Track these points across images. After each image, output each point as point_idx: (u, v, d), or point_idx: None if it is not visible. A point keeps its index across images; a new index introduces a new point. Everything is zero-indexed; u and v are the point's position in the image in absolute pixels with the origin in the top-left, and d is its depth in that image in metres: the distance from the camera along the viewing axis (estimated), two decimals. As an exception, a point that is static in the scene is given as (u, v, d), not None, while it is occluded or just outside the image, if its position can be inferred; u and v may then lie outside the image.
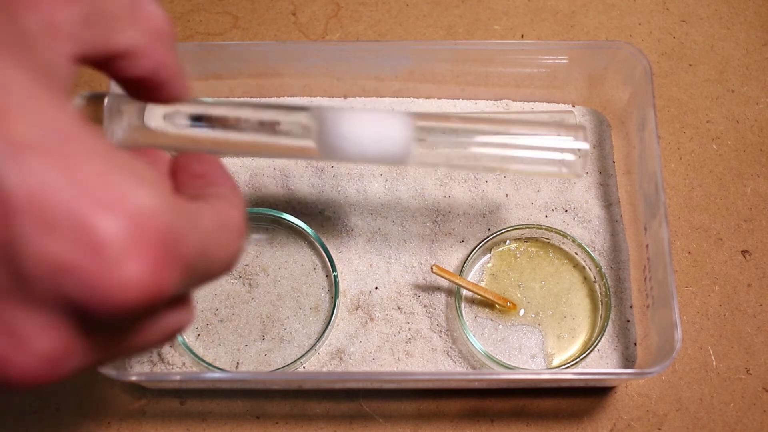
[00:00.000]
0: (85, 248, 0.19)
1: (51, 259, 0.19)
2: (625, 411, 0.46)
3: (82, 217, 0.19)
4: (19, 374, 0.20)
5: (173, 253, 0.21)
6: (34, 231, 0.19)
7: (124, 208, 0.19)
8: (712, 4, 0.58)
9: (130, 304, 0.20)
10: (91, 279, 0.19)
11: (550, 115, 0.51)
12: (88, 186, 0.19)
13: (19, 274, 0.19)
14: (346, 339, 0.47)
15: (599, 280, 0.47)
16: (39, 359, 0.20)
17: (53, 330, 0.20)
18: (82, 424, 0.46)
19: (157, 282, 0.20)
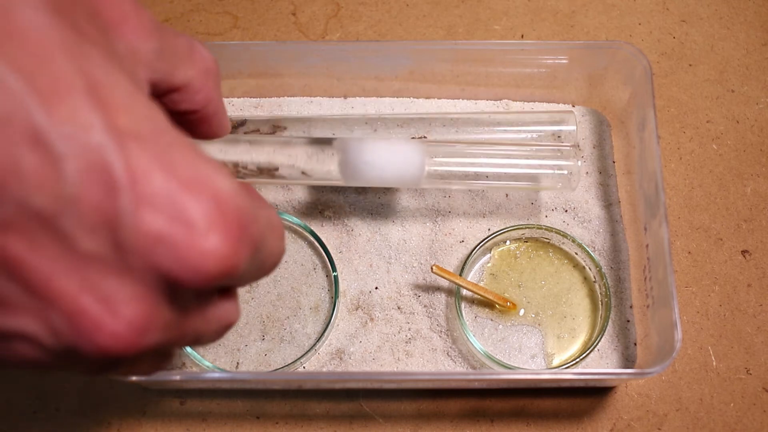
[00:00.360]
0: (178, 222, 0.22)
1: (148, 231, 0.22)
2: (625, 411, 0.46)
3: (175, 196, 0.22)
4: (107, 340, 0.22)
5: (246, 232, 0.24)
6: (134, 206, 0.21)
7: (209, 190, 0.23)
8: (712, 4, 0.58)
9: (210, 273, 0.23)
10: (180, 248, 0.22)
11: (550, 115, 0.51)
12: (180, 170, 0.22)
13: (119, 245, 0.22)
14: (346, 339, 0.47)
15: (599, 280, 0.47)
16: (126, 326, 0.22)
17: (141, 300, 0.23)
18: (82, 424, 0.46)
19: (233, 255, 0.23)
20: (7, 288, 0.22)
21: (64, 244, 0.21)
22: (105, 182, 0.21)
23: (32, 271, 0.21)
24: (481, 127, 0.51)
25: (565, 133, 0.51)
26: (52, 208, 0.21)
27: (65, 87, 0.21)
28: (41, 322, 0.22)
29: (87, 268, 0.22)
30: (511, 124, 0.51)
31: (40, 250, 0.21)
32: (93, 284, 0.22)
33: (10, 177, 0.20)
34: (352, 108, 0.54)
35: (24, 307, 0.22)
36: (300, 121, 0.51)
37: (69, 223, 0.21)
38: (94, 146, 0.21)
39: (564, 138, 0.51)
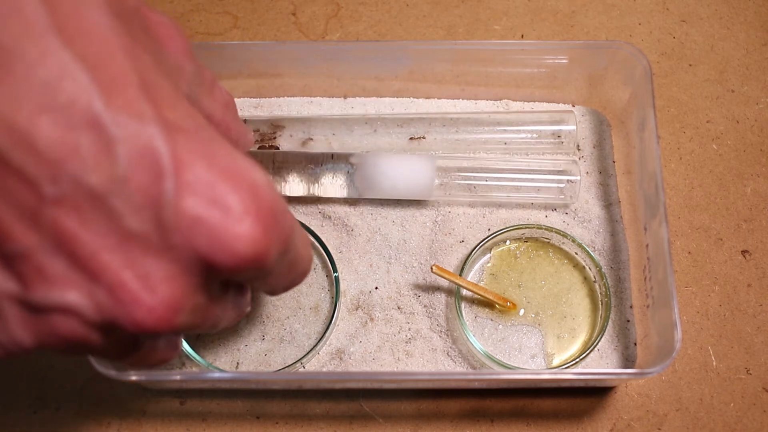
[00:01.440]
0: (215, 207, 0.24)
1: (188, 213, 0.23)
2: (625, 411, 0.46)
3: (214, 184, 0.24)
4: (144, 314, 0.24)
5: (277, 223, 0.25)
6: (177, 190, 0.23)
7: (245, 181, 0.24)
8: (712, 4, 0.58)
9: (243, 255, 0.24)
10: (216, 230, 0.24)
11: (550, 114, 0.52)
12: (219, 162, 0.24)
13: (161, 226, 0.23)
14: (346, 339, 0.47)
15: (599, 280, 0.47)
16: (162, 304, 0.24)
17: (177, 280, 0.24)
18: (82, 424, 0.46)
19: (265, 241, 0.25)
20: (56, 261, 0.23)
21: (112, 221, 0.23)
22: (152, 167, 0.23)
23: (81, 245, 0.23)
24: (481, 126, 0.51)
25: (565, 132, 0.51)
26: (104, 187, 0.22)
27: (122, 80, 0.23)
28: (85, 295, 0.24)
29: (130, 246, 0.23)
30: (511, 123, 0.51)
31: (89, 226, 0.23)
32: (135, 261, 0.24)
33: (69, 155, 0.22)
34: (352, 108, 0.54)
35: (69, 280, 0.24)
36: (300, 121, 0.51)
37: (118, 202, 0.23)
38: (146, 134, 0.23)
39: (564, 138, 0.51)
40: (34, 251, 0.23)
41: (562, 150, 0.52)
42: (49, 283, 0.23)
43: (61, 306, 0.24)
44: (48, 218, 0.22)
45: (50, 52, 0.22)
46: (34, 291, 0.24)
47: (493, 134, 0.51)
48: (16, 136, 0.21)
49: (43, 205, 0.22)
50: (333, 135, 0.51)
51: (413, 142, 0.51)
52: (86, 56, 0.22)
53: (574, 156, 0.52)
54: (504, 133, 0.51)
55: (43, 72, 0.22)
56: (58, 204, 0.22)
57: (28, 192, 0.22)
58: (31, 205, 0.22)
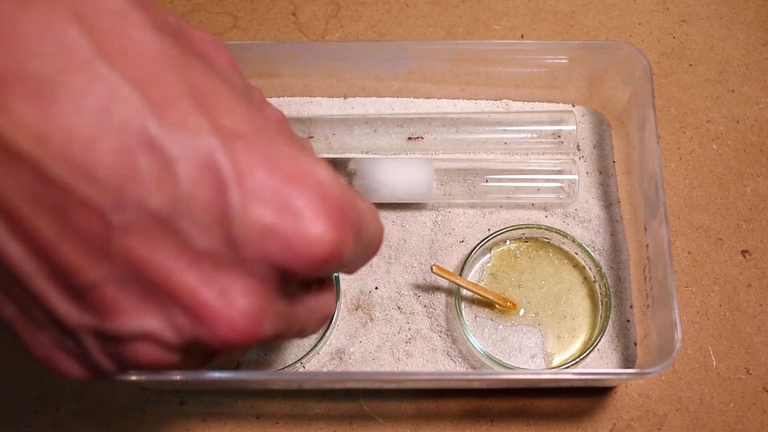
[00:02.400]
0: (284, 213, 0.23)
1: (257, 223, 0.23)
2: (625, 411, 0.46)
3: (279, 189, 0.23)
4: (227, 331, 0.23)
5: (348, 217, 0.25)
6: (243, 202, 0.23)
7: (310, 181, 0.24)
8: (712, 4, 0.58)
9: (319, 258, 0.24)
10: (289, 237, 0.23)
11: (549, 114, 0.52)
12: (281, 164, 0.23)
13: (231, 240, 0.23)
14: (346, 339, 0.47)
15: (599, 280, 0.47)
16: (243, 317, 0.24)
17: (255, 291, 0.24)
18: (82, 423, 0.46)
19: (339, 239, 0.24)
20: (129, 289, 0.23)
21: (181, 242, 0.22)
22: (215, 180, 0.22)
23: (153, 270, 0.22)
24: (481, 126, 0.51)
25: (565, 132, 0.51)
26: (168, 208, 0.22)
27: (173, 95, 0.22)
28: (164, 320, 0.23)
29: (203, 265, 0.23)
30: (510, 123, 0.51)
31: (159, 250, 0.22)
32: (210, 279, 0.23)
33: (129, 181, 0.21)
34: (352, 108, 0.54)
35: (145, 307, 0.23)
36: (300, 121, 0.51)
37: (184, 221, 0.22)
38: (203, 147, 0.22)
39: (564, 137, 0.51)
40: (106, 282, 0.23)
41: (562, 150, 0.52)
42: (125, 312, 0.23)
43: (140, 333, 0.24)
44: (117, 247, 0.22)
45: (97, 77, 0.21)
46: (111, 322, 0.23)
47: (493, 134, 0.51)
48: (75, 167, 0.21)
49: (110, 234, 0.22)
50: (333, 135, 0.51)
51: (412, 142, 0.51)
52: (134, 76, 0.22)
53: (574, 156, 0.52)
54: (504, 133, 0.51)
55: (93, 99, 0.21)
56: (126, 231, 0.22)
57: (94, 223, 0.22)
58: (98, 236, 0.22)
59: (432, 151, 0.52)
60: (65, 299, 0.23)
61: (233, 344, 0.24)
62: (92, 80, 0.21)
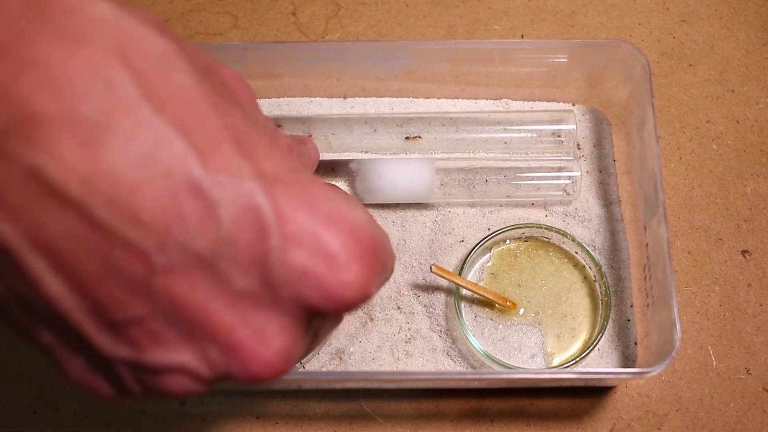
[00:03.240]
0: (321, 257, 0.24)
1: (295, 266, 0.23)
2: (625, 411, 0.46)
3: (317, 233, 0.24)
4: (260, 369, 0.24)
5: (378, 258, 0.26)
6: (283, 245, 0.23)
7: (346, 224, 0.25)
8: (712, 4, 0.58)
9: (350, 301, 0.25)
10: (324, 281, 0.24)
11: (549, 114, 0.52)
12: (319, 208, 0.24)
13: (269, 282, 0.23)
14: (345, 339, 0.47)
15: (599, 280, 0.47)
16: (277, 355, 0.24)
17: (288, 330, 0.24)
18: (82, 424, 0.46)
19: (370, 283, 0.25)
20: (167, 325, 0.23)
21: (221, 282, 0.23)
22: (256, 224, 0.23)
23: (193, 309, 0.23)
24: (481, 126, 0.51)
25: (565, 132, 0.51)
26: (210, 251, 0.22)
27: (216, 140, 0.23)
28: (199, 355, 0.24)
29: (240, 305, 0.24)
30: (511, 123, 0.51)
31: (199, 290, 0.23)
32: (246, 318, 0.24)
33: (174, 224, 0.22)
34: (352, 107, 0.54)
35: (183, 342, 0.24)
36: (300, 121, 0.51)
37: (225, 263, 0.23)
38: (246, 191, 0.23)
39: (564, 137, 0.51)
40: (146, 318, 0.23)
41: (562, 149, 0.52)
42: (162, 346, 0.24)
43: (174, 367, 0.24)
44: (158, 287, 0.22)
45: (144, 122, 0.22)
46: (146, 355, 0.24)
47: (493, 134, 0.51)
48: (121, 211, 0.21)
49: (152, 275, 0.22)
50: (333, 135, 0.51)
51: (410, 142, 0.51)
52: (178, 121, 0.22)
53: (574, 155, 0.52)
54: (504, 133, 0.51)
55: (139, 143, 0.21)
56: (168, 272, 0.22)
57: (137, 264, 0.22)
58: (140, 276, 0.22)
59: (432, 150, 0.52)
60: (103, 332, 0.23)
61: (264, 380, 0.25)
62: (139, 124, 0.21)
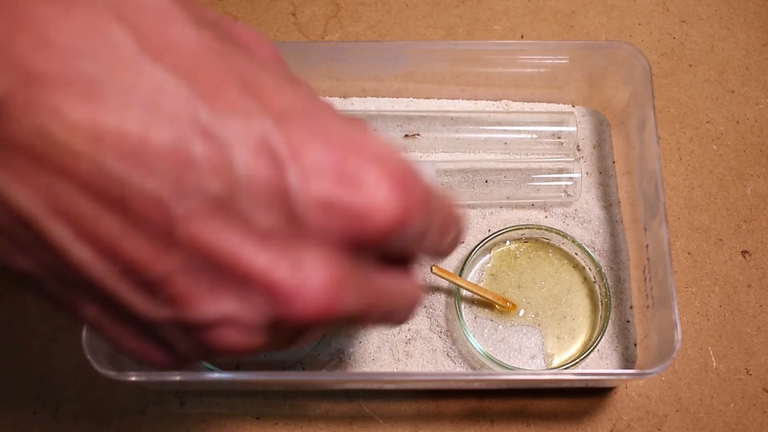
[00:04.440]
0: (344, 183, 0.23)
1: (318, 197, 0.23)
2: (625, 411, 0.46)
3: (336, 161, 0.23)
4: (305, 306, 0.23)
5: (411, 183, 0.25)
6: (301, 177, 0.23)
7: (366, 149, 0.24)
8: (712, 5, 0.58)
9: (384, 224, 0.24)
10: (353, 206, 0.23)
11: (549, 115, 0.51)
12: (335, 136, 0.24)
13: (294, 216, 0.23)
14: (345, 339, 0.47)
15: (599, 281, 0.47)
16: (321, 290, 0.24)
17: (328, 263, 0.24)
18: (82, 424, 0.46)
19: (403, 205, 0.24)
20: (201, 277, 0.23)
21: (245, 224, 0.23)
22: (271, 160, 0.22)
23: (222, 255, 0.23)
24: (481, 126, 0.51)
25: (565, 133, 0.51)
26: (227, 192, 0.22)
27: (220, 83, 0.23)
28: (241, 302, 0.23)
29: (270, 244, 0.23)
30: (510, 123, 0.51)
31: (225, 234, 0.22)
32: (280, 258, 0.23)
33: (187, 168, 0.22)
34: (352, 104, 0.54)
35: (220, 292, 0.23)
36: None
37: (245, 204, 0.22)
38: (256, 129, 0.22)
39: (564, 138, 0.51)
40: (177, 273, 0.23)
41: (562, 151, 0.52)
42: (201, 300, 0.23)
43: (220, 319, 0.24)
44: (182, 236, 0.22)
45: (143, 72, 0.22)
46: (188, 312, 0.23)
47: (493, 134, 0.51)
48: (131, 161, 0.21)
49: (174, 224, 0.22)
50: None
51: (409, 140, 0.51)
52: (178, 68, 0.22)
53: (573, 156, 0.52)
54: (504, 133, 0.51)
55: (141, 94, 0.21)
56: (189, 219, 0.22)
57: (157, 214, 0.22)
58: (162, 228, 0.22)
59: (432, 149, 0.52)
60: (140, 295, 0.23)
61: (315, 318, 0.24)
62: (139, 75, 0.22)
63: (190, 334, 0.24)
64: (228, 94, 0.23)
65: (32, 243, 0.22)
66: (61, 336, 0.48)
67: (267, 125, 0.23)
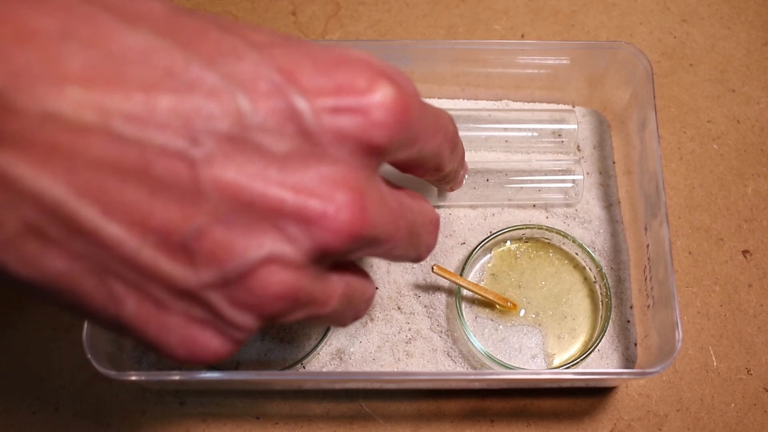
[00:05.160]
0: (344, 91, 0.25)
1: (324, 108, 0.24)
2: (625, 411, 0.46)
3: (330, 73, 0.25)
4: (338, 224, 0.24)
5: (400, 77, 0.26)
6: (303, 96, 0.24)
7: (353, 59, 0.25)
8: (713, 4, 0.58)
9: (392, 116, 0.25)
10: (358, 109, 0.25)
11: (550, 113, 0.51)
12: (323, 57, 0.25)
13: (307, 133, 0.24)
14: (346, 339, 0.47)
15: (600, 281, 0.47)
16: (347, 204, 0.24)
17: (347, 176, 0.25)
18: (82, 424, 0.46)
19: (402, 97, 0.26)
20: (236, 222, 0.23)
21: (263, 153, 0.23)
22: (269, 87, 0.23)
23: (248, 190, 0.23)
24: (482, 124, 0.51)
25: (566, 131, 0.51)
26: (238, 127, 0.23)
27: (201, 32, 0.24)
28: (278, 238, 0.24)
29: (292, 168, 0.24)
30: (511, 121, 0.51)
31: (246, 168, 0.23)
32: (303, 179, 0.24)
33: (193, 116, 0.22)
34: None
35: (257, 232, 0.24)
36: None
37: (258, 134, 0.23)
38: (246, 63, 0.23)
39: (565, 137, 0.51)
40: (210, 225, 0.23)
41: (563, 149, 0.52)
42: (239, 246, 0.23)
43: (261, 261, 0.24)
44: (207, 182, 0.22)
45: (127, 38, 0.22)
46: (229, 263, 0.23)
47: (494, 132, 0.51)
48: (141, 120, 0.22)
49: (197, 171, 0.22)
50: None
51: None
52: (158, 29, 0.23)
53: (574, 156, 0.52)
54: (505, 132, 0.51)
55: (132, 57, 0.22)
56: (210, 163, 0.22)
57: (179, 165, 0.22)
58: (186, 179, 0.22)
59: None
60: (179, 263, 0.23)
61: (349, 235, 0.24)
62: (124, 42, 0.22)
63: (238, 291, 0.24)
64: (210, 39, 0.24)
65: (63, 233, 0.22)
66: (61, 336, 0.48)
67: (255, 57, 0.24)
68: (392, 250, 0.28)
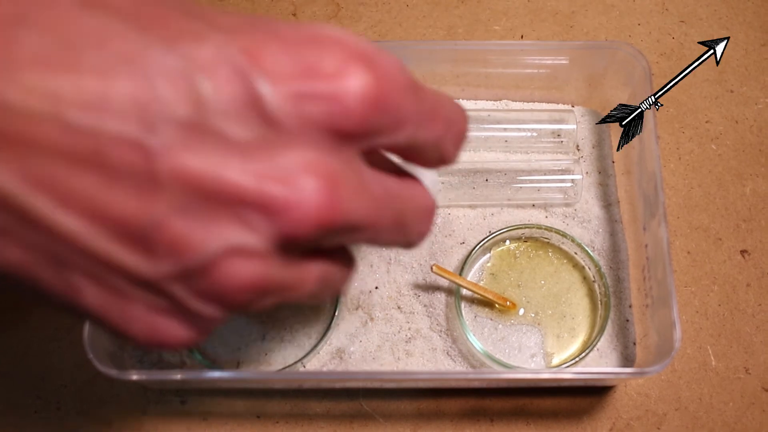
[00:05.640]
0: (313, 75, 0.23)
1: (288, 94, 0.22)
2: (624, 410, 0.46)
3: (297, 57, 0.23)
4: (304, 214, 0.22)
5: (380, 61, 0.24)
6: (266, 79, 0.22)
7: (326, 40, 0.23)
8: (712, 5, 0.58)
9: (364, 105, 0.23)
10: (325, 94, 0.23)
11: (549, 114, 0.52)
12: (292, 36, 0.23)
13: (270, 120, 0.22)
14: (346, 338, 0.47)
15: (599, 280, 0.48)
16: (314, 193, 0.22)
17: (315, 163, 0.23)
18: (82, 423, 0.46)
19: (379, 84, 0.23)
20: (194, 212, 0.22)
21: (223, 142, 0.22)
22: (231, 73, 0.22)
23: (207, 179, 0.22)
24: (482, 124, 0.51)
25: (565, 131, 0.51)
26: (196, 113, 0.22)
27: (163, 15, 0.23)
28: (240, 227, 0.22)
29: (253, 156, 0.22)
30: (510, 122, 0.51)
31: (206, 157, 0.22)
32: (266, 167, 0.22)
33: (150, 102, 0.21)
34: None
35: (217, 222, 0.22)
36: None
37: (217, 120, 0.22)
38: (208, 46, 0.22)
39: (564, 136, 0.51)
40: (168, 216, 0.22)
41: (562, 149, 0.52)
42: (199, 237, 0.22)
43: (222, 252, 0.23)
44: (164, 171, 0.21)
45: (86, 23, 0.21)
46: (190, 254, 0.22)
47: (494, 132, 0.51)
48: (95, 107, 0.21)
49: (153, 160, 0.21)
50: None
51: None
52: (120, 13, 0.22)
53: (574, 156, 0.52)
54: (504, 132, 0.51)
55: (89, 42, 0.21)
56: (167, 151, 0.21)
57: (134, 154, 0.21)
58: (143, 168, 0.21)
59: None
60: (138, 254, 0.22)
61: (316, 223, 0.23)
62: (82, 27, 0.21)
63: (201, 283, 0.23)
64: (174, 23, 0.22)
65: (17, 225, 0.21)
66: (62, 335, 0.48)
67: (218, 40, 0.22)
68: (376, 237, 0.26)
